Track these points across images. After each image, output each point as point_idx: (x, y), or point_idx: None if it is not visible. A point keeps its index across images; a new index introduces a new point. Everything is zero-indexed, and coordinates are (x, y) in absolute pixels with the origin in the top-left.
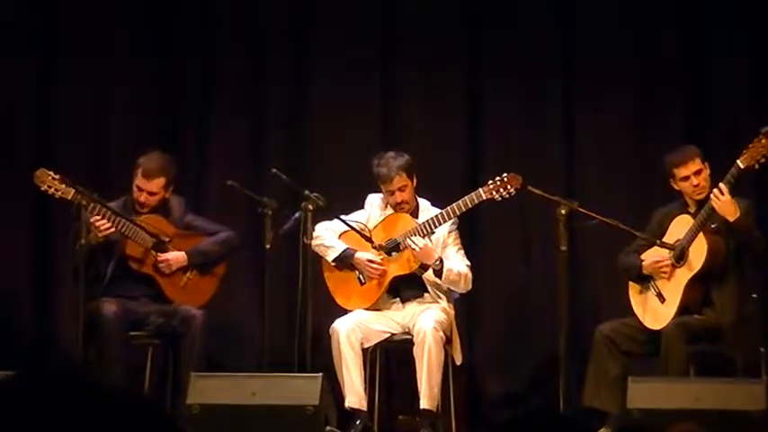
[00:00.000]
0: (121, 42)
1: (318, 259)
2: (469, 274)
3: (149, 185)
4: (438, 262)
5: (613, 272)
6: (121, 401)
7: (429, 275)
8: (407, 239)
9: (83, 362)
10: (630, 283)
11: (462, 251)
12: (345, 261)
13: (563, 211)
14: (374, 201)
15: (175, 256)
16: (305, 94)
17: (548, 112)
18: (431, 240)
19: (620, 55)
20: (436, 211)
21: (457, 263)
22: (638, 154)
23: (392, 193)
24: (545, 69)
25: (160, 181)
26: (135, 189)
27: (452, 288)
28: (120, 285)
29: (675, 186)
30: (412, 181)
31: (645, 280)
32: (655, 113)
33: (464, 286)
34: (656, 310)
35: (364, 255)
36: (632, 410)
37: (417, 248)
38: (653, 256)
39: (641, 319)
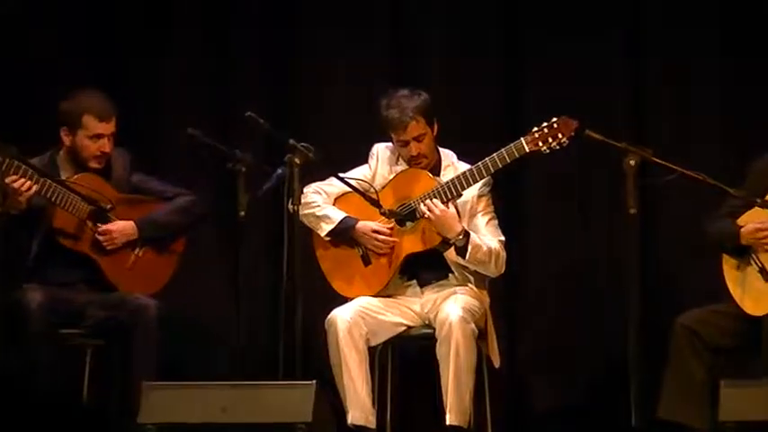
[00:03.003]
0: None
1: (310, 231)
2: (502, 253)
3: (110, 127)
4: (462, 236)
5: (700, 243)
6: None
7: (450, 254)
8: (423, 204)
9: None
10: (725, 256)
11: (496, 221)
12: (344, 234)
13: (632, 162)
14: (382, 153)
15: (121, 227)
16: (291, 18)
17: (609, 38)
18: (456, 206)
19: None
20: (464, 167)
21: (487, 237)
22: (726, 89)
23: (406, 143)
24: None
25: (114, 119)
26: (88, 143)
27: (480, 270)
28: (47, 268)
29: None
30: (432, 128)
31: (743, 252)
32: (748, 37)
33: (495, 268)
34: (758, 290)
35: (368, 224)
36: (725, 424)
37: (432, 216)
38: (754, 222)
39: (739, 302)
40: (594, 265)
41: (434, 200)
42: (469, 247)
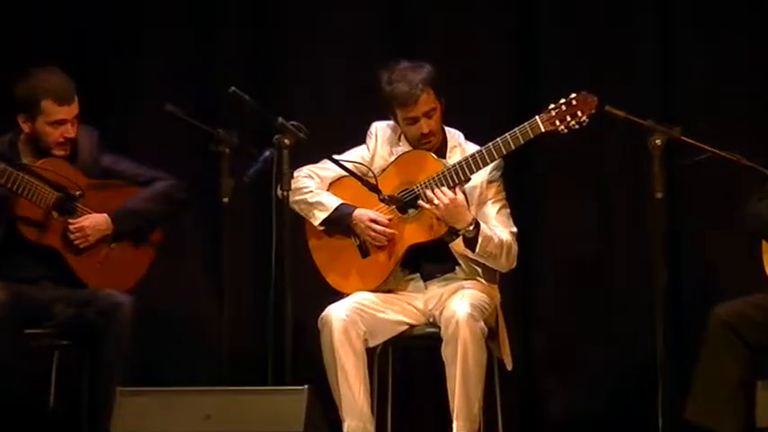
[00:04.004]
0: None
1: (301, 220)
2: (515, 246)
3: (72, 110)
4: (472, 226)
5: (734, 229)
6: None
7: (458, 245)
8: (428, 192)
9: None
10: (766, 243)
11: (507, 210)
12: (340, 223)
13: (658, 142)
14: (381, 132)
15: (93, 222)
16: None
17: (634, 6)
18: (464, 192)
19: None
20: (473, 148)
21: (498, 228)
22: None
23: (415, 120)
24: None
25: (76, 100)
26: (50, 130)
27: (489, 264)
28: (9, 263)
29: None
30: (440, 102)
31: None
32: None
33: (505, 262)
34: None
35: (365, 213)
36: (761, 431)
37: (441, 205)
38: None
39: None
40: (617, 255)
41: (442, 188)
42: (480, 239)
